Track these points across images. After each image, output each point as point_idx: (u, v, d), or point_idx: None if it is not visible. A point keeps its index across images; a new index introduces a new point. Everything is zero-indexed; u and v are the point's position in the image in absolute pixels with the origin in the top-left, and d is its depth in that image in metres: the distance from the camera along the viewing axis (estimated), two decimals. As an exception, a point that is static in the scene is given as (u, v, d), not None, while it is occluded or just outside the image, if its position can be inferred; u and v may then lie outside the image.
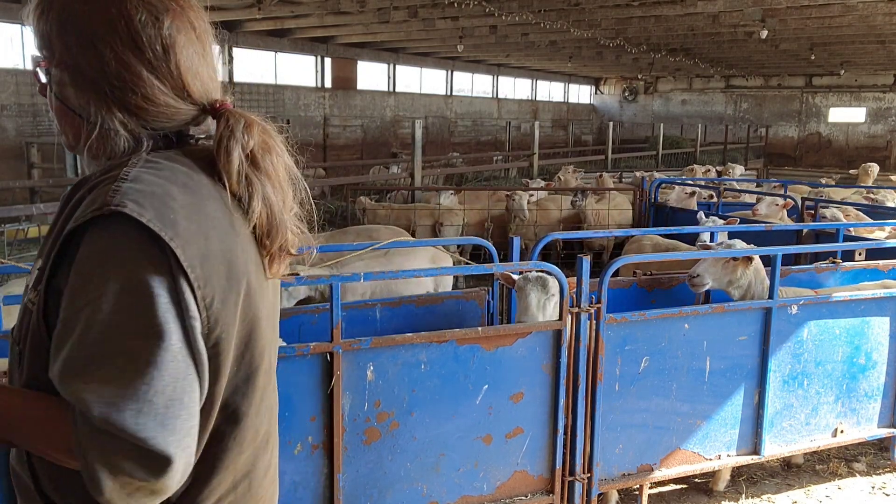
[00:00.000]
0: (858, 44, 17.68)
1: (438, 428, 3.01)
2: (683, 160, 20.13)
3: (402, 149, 20.00)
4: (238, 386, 1.17)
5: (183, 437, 1.01)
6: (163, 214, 1.03)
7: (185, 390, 1.02)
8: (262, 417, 1.24)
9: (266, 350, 1.21)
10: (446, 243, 7.01)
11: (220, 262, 1.09)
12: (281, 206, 1.21)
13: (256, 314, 1.17)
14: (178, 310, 1.02)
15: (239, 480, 1.21)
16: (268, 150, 1.20)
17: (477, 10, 12.64)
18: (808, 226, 6.30)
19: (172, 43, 1.14)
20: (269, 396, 1.27)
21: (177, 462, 1.00)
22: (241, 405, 1.17)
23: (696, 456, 3.59)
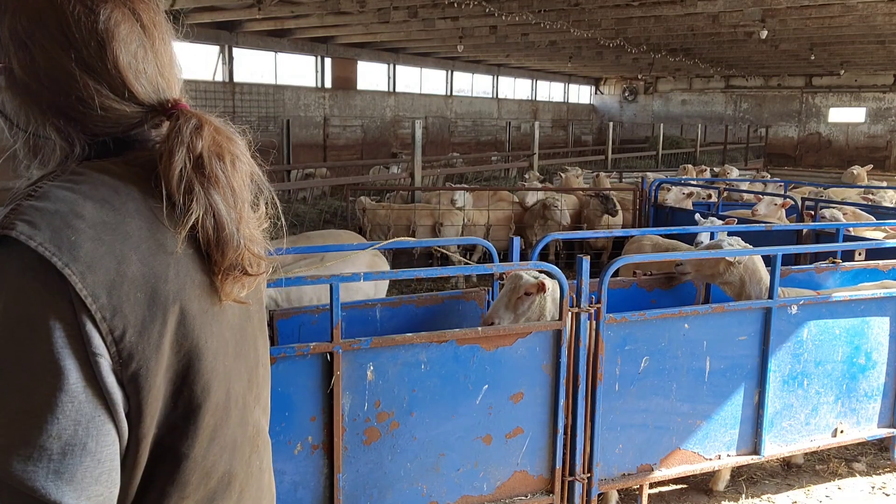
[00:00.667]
0: (858, 44, 17.69)
1: (438, 428, 3.01)
2: (683, 160, 20.13)
3: (402, 149, 20.01)
4: (175, 424, 1.02)
5: (87, 485, 0.91)
6: (61, 236, 0.90)
7: (91, 434, 0.91)
8: (215, 458, 1.09)
9: (214, 385, 1.06)
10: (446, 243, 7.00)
11: (137, 288, 0.95)
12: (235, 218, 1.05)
13: (196, 344, 1.02)
14: (78, 345, 0.90)
15: None
16: (220, 154, 1.04)
17: (477, 10, 12.64)
18: (808, 226, 6.31)
19: (110, 38, 1.01)
20: (230, 434, 1.11)
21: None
22: (179, 446, 1.03)
23: (696, 456, 3.59)
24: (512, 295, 3.36)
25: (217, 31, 16.62)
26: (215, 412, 1.07)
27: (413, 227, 8.48)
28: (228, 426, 1.11)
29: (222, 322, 1.08)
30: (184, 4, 13.49)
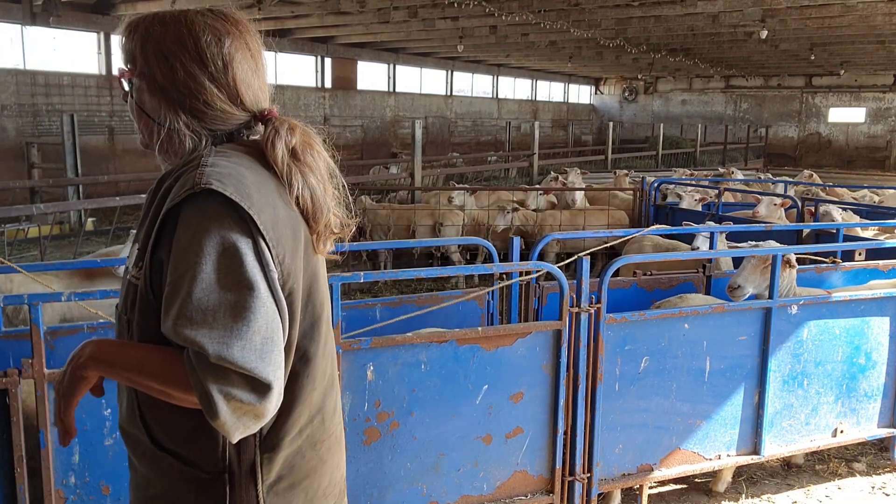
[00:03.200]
0: (858, 44, 17.69)
1: (438, 428, 3.01)
2: (683, 160, 20.15)
3: (402, 149, 20.00)
4: (306, 331, 1.39)
5: (276, 368, 1.24)
6: (240, 189, 1.25)
7: (275, 330, 1.25)
8: (327, 360, 1.47)
9: (325, 301, 1.45)
10: (446, 243, 7.02)
11: (286, 226, 1.32)
12: (322, 193, 1.41)
13: (315, 270, 1.42)
14: (261, 265, 1.25)
15: (314, 415, 1.44)
16: (308, 146, 1.42)
17: (477, 10, 12.64)
18: (808, 226, 6.31)
19: (231, 60, 1.37)
20: (331, 343, 1.50)
21: (275, 388, 1.23)
22: (309, 348, 1.40)
23: (696, 456, 3.59)
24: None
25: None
26: (325, 323, 1.45)
27: (413, 227, 8.48)
28: (331, 338, 1.51)
29: (319, 262, 1.48)
30: (184, 4, 13.50)
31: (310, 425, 1.42)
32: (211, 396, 1.20)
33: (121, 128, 15.21)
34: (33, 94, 13.58)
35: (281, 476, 1.38)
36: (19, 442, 2.43)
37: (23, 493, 2.44)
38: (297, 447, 1.40)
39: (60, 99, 13.97)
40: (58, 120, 12.21)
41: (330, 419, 1.49)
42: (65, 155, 10.12)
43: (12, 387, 2.41)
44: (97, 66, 14.94)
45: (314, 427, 1.43)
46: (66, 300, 2.57)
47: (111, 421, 2.54)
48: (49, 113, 13.74)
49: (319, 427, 1.45)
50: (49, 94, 13.81)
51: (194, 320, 1.20)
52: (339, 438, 1.54)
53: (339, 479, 1.56)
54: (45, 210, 7.52)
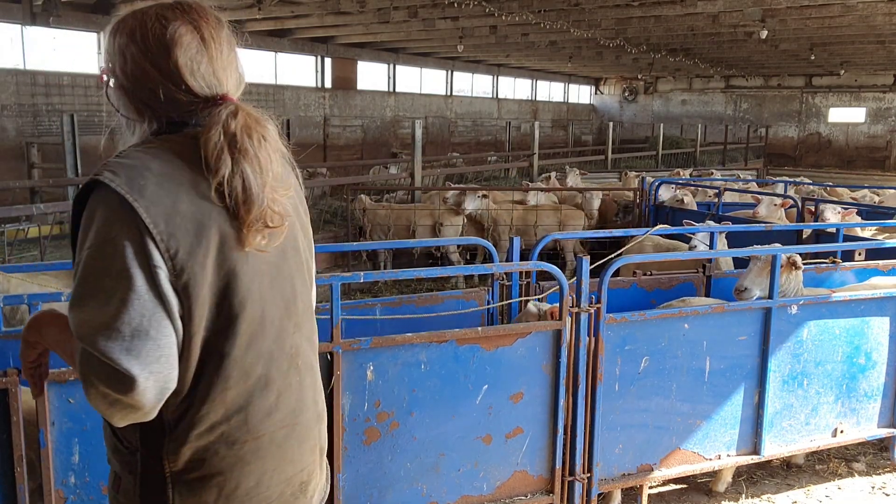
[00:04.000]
0: (858, 44, 17.67)
1: (438, 428, 3.01)
2: (683, 160, 20.13)
3: (402, 149, 19.99)
4: (219, 329, 1.37)
5: (149, 363, 1.25)
6: (133, 181, 1.28)
7: (153, 325, 1.26)
8: (252, 361, 1.42)
9: (251, 300, 1.39)
10: (446, 243, 7.02)
11: (187, 221, 1.31)
12: (259, 182, 1.38)
13: (233, 268, 1.36)
14: (143, 259, 1.27)
15: (231, 414, 1.40)
16: (249, 132, 1.38)
17: (477, 10, 12.63)
18: (808, 226, 6.31)
19: (173, 44, 1.37)
20: (266, 346, 1.44)
21: (141, 383, 1.23)
22: (223, 347, 1.37)
23: (695, 456, 3.59)
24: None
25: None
26: (251, 324, 1.40)
27: (413, 227, 8.48)
28: (264, 339, 1.43)
29: (257, 256, 1.41)
30: (184, 4, 13.49)
31: (225, 423, 1.40)
32: (82, 379, 1.27)
33: (121, 128, 15.19)
34: (33, 94, 13.58)
35: (190, 467, 1.39)
36: (19, 442, 2.43)
37: (23, 493, 2.44)
38: (207, 443, 1.39)
39: (60, 99, 13.97)
40: (58, 120, 12.20)
41: (259, 421, 1.43)
42: (65, 155, 10.11)
43: (12, 387, 2.41)
44: (97, 66, 14.94)
45: (231, 426, 1.40)
46: (65, 300, 2.57)
47: (111, 421, 2.53)
48: (49, 113, 13.74)
49: (240, 427, 1.41)
50: (49, 94, 13.81)
51: (75, 305, 1.26)
52: (277, 443, 1.47)
53: (281, 482, 1.49)
54: (44, 210, 7.52)
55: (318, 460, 1.61)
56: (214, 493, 1.41)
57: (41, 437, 2.43)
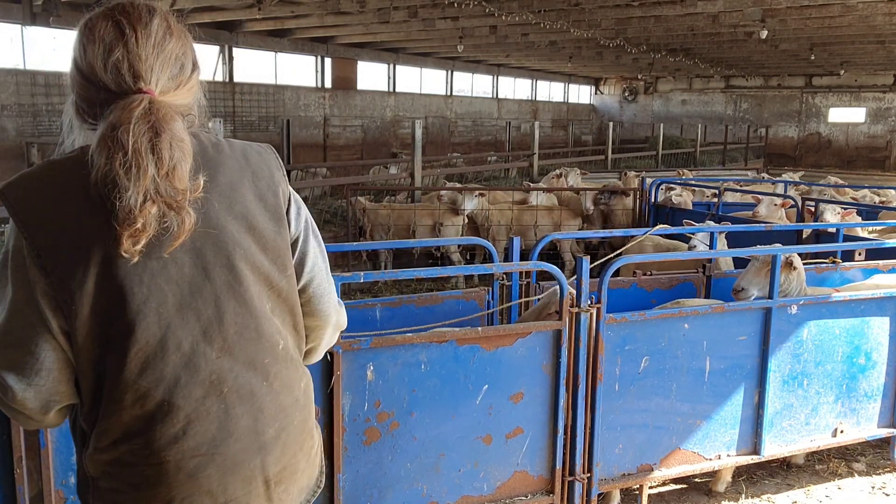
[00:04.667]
0: (858, 44, 17.68)
1: (438, 428, 3.01)
2: (683, 160, 20.14)
3: (402, 149, 20.00)
4: (108, 350, 1.33)
5: (27, 375, 1.30)
6: (27, 194, 1.31)
7: (31, 339, 1.30)
8: (149, 386, 1.34)
9: (142, 325, 1.32)
10: (446, 243, 7.02)
11: (71, 237, 1.29)
12: (136, 180, 1.25)
13: (120, 289, 1.30)
14: (22, 274, 1.29)
15: (131, 435, 1.36)
16: (142, 127, 1.27)
17: (477, 10, 12.64)
18: (808, 226, 6.30)
19: (88, 40, 1.33)
20: (169, 371, 1.35)
21: (19, 393, 1.31)
22: (112, 368, 1.33)
23: (696, 456, 3.59)
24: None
25: (217, 31, 16.61)
26: (145, 347, 1.33)
27: (413, 227, 8.48)
28: (165, 363, 1.35)
29: (159, 276, 1.33)
30: (184, 4, 13.49)
31: (126, 443, 1.36)
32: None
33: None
34: (33, 94, 13.58)
35: (102, 476, 1.40)
36: (19, 442, 2.43)
37: (23, 493, 2.44)
38: (112, 458, 1.37)
39: (60, 99, 13.96)
40: (58, 120, 12.21)
41: (162, 448, 1.36)
42: (65, 155, 10.12)
43: (12, 387, 2.41)
44: (97, 66, 14.94)
45: (133, 447, 1.36)
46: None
47: (111, 421, 2.54)
48: (49, 113, 13.74)
49: (140, 451, 1.36)
50: (49, 94, 13.81)
51: None
52: (188, 472, 1.38)
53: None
54: (45, 210, 7.50)
55: (263, 492, 1.47)
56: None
57: (41, 438, 2.43)
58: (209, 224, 1.37)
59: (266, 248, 1.45)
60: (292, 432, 1.52)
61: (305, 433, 1.57)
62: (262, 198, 1.46)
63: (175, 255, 1.33)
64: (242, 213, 1.42)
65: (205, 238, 1.37)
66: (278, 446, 1.49)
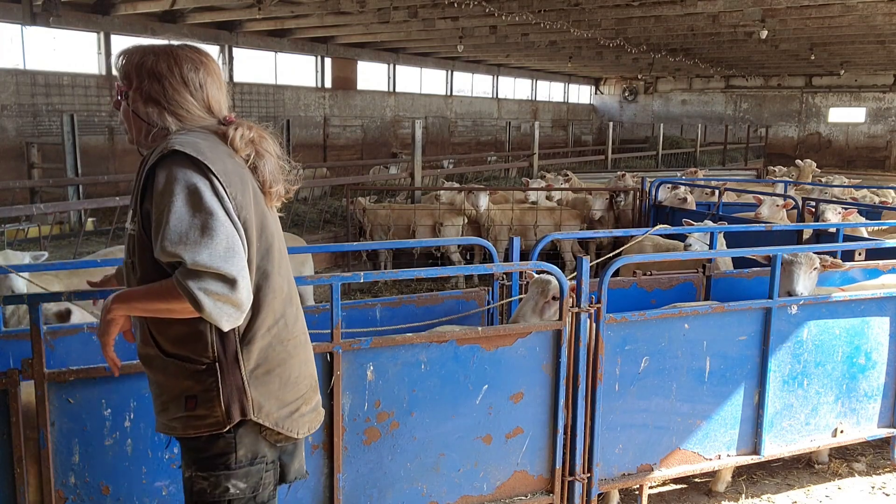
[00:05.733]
0: (858, 44, 17.67)
1: (438, 428, 3.01)
2: (683, 160, 20.13)
3: (402, 149, 19.99)
4: (263, 254, 1.90)
5: (240, 269, 1.75)
6: (197, 149, 1.79)
7: (236, 243, 1.76)
8: (283, 278, 1.97)
9: (275, 234, 1.97)
10: (446, 243, 7.02)
11: (235, 175, 1.84)
12: (273, 166, 1.99)
13: (263, 211, 1.93)
14: (217, 198, 1.77)
15: (278, 318, 1.93)
16: (262, 139, 1.98)
17: (477, 10, 12.63)
18: (808, 226, 6.30)
19: (204, 83, 1.96)
20: (285, 266, 2.00)
21: (240, 282, 1.74)
22: (267, 266, 1.91)
23: (696, 456, 3.59)
24: (540, 299, 3.39)
25: (217, 31, 16.60)
26: (279, 251, 1.97)
27: (413, 227, 8.48)
28: (283, 266, 1.99)
29: (265, 206, 1.96)
30: (184, 4, 13.48)
31: (276, 326, 1.92)
32: (194, 294, 1.70)
33: (121, 128, 15.16)
34: (33, 94, 13.57)
35: (258, 364, 1.89)
36: (19, 442, 2.43)
37: (23, 494, 2.44)
38: (267, 342, 1.90)
39: (60, 99, 13.97)
40: (58, 120, 12.20)
41: (292, 325, 1.98)
42: (65, 155, 10.11)
43: (12, 387, 2.41)
44: (97, 66, 14.93)
45: (279, 328, 1.93)
46: (66, 300, 2.57)
47: (111, 421, 2.54)
48: (49, 113, 13.73)
49: (284, 329, 1.95)
50: (49, 94, 13.80)
51: (172, 240, 1.70)
52: (303, 342, 2.04)
53: (308, 374, 2.06)
54: (44, 210, 7.52)
55: (314, 369, 2.13)
56: (277, 382, 1.93)
57: (41, 438, 2.43)
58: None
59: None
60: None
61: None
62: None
63: (262, 199, 1.96)
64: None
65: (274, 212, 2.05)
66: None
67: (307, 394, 2.02)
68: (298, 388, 1.98)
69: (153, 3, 13.44)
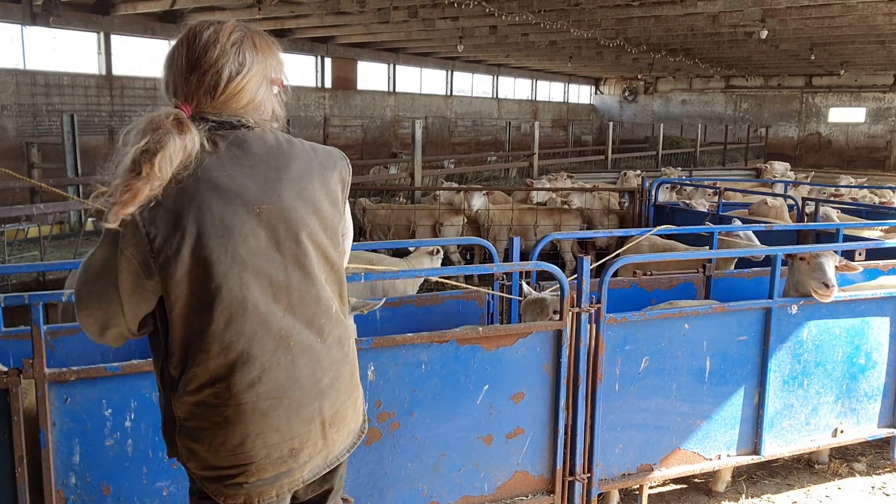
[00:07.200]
0: (858, 44, 17.68)
1: (439, 428, 3.01)
2: (683, 160, 20.13)
3: (402, 149, 19.99)
4: (197, 309, 1.59)
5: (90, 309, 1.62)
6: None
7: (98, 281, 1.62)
8: (231, 339, 1.61)
9: (225, 288, 1.59)
10: (446, 243, 7.01)
11: (168, 212, 1.55)
12: None
13: (209, 257, 1.57)
14: (113, 240, 1.57)
15: (215, 380, 1.62)
16: None
17: (477, 10, 12.64)
18: (808, 226, 6.30)
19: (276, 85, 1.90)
20: (248, 327, 1.62)
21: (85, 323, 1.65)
22: (200, 324, 1.60)
23: (696, 456, 3.59)
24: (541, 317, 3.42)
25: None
26: (229, 307, 1.59)
27: (413, 227, 8.48)
28: (245, 320, 1.62)
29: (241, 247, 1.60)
30: (184, 4, 13.49)
31: (210, 387, 1.63)
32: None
33: (121, 128, 15.16)
34: (33, 94, 13.58)
35: (188, 417, 1.66)
36: (20, 442, 2.43)
37: (23, 494, 2.44)
38: (198, 400, 1.64)
39: (60, 99, 13.97)
40: (58, 120, 12.20)
41: (241, 391, 1.63)
42: (65, 155, 10.11)
43: (13, 387, 2.41)
44: (97, 66, 14.93)
45: (216, 390, 1.63)
46: (66, 300, 2.57)
47: (111, 421, 2.54)
48: (49, 113, 13.73)
49: (222, 393, 1.63)
50: (49, 94, 13.81)
51: None
52: (261, 412, 1.65)
53: (263, 448, 1.67)
54: (44, 210, 7.51)
55: (320, 431, 1.75)
56: (206, 444, 1.65)
57: (41, 438, 2.43)
58: (282, 205, 1.65)
59: (325, 228, 1.73)
60: (343, 381, 1.80)
61: (353, 384, 1.85)
62: (326, 184, 1.75)
63: (254, 229, 1.61)
64: (310, 198, 1.70)
65: (278, 217, 1.64)
66: (332, 393, 1.76)
67: (257, 464, 1.67)
68: (238, 457, 1.66)
69: (153, 3, 13.45)
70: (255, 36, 1.76)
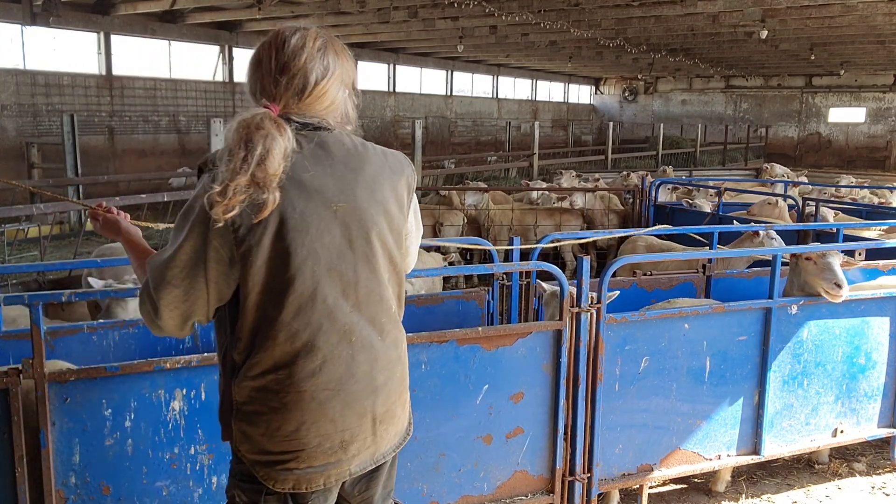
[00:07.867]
0: (858, 44, 17.68)
1: (439, 428, 3.01)
2: (683, 160, 20.15)
3: (403, 149, 19.96)
4: (270, 297, 1.65)
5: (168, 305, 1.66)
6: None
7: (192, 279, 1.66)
8: (298, 328, 1.67)
9: (299, 279, 1.65)
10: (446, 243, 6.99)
11: (254, 206, 1.59)
12: None
13: (288, 248, 1.63)
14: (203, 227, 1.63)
15: (279, 366, 1.67)
16: None
17: (477, 10, 12.64)
18: (808, 226, 6.30)
19: (352, 90, 2.09)
20: (315, 318, 1.68)
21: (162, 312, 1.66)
22: (271, 311, 1.65)
23: (696, 456, 3.59)
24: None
25: (217, 31, 16.61)
26: (300, 297, 1.66)
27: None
28: (313, 311, 1.68)
29: (317, 241, 1.66)
30: (184, 4, 13.49)
31: (273, 373, 1.67)
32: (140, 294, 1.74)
33: (121, 128, 15.20)
34: (33, 94, 13.58)
35: (246, 401, 1.70)
36: (20, 442, 2.43)
37: (23, 493, 2.44)
38: (259, 385, 1.68)
39: (60, 99, 13.97)
40: (58, 120, 12.21)
41: (302, 379, 1.68)
42: (65, 155, 10.12)
43: (13, 386, 2.41)
44: (97, 66, 14.93)
45: (279, 376, 1.67)
46: (66, 300, 2.57)
47: (111, 421, 2.54)
48: (49, 113, 13.73)
49: (285, 379, 1.68)
50: (49, 94, 13.81)
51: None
52: (319, 401, 1.70)
53: (316, 437, 1.71)
54: (44, 210, 7.51)
55: (370, 427, 1.79)
56: (262, 428, 1.69)
57: (41, 438, 2.43)
58: (357, 205, 1.72)
59: (392, 229, 1.80)
60: (395, 382, 1.85)
61: (403, 386, 1.90)
62: (395, 188, 1.82)
63: (329, 225, 1.68)
64: (381, 200, 1.77)
65: (352, 216, 1.71)
66: (385, 391, 1.81)
67: (309, 452, 1.72)
68: (292, 443, 1.70)
69: (153, 3, 13.45)
70: (335, 42, 1.85)
